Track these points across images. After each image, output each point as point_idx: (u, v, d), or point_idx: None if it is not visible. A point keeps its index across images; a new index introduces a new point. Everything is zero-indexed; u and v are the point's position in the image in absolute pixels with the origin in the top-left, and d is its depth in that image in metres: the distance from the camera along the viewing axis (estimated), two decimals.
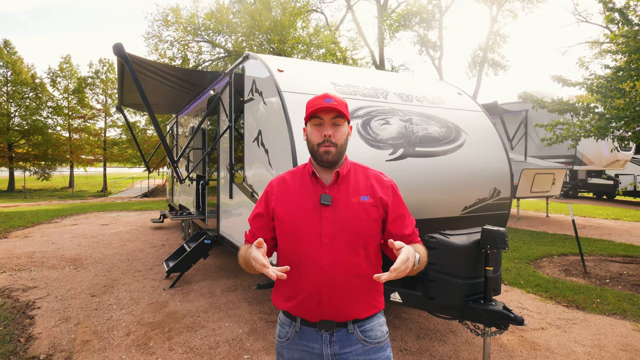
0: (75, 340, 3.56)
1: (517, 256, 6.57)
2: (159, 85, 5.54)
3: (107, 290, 4.94)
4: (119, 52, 3.82)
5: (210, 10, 18.85)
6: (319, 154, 1.43)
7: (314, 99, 1.46)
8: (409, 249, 1.27)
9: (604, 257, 6.64)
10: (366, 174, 1.54)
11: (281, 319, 1.54)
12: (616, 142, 6.12)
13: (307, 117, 1.47)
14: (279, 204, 1.48)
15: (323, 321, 1.42)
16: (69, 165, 28.14)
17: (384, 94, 3.85)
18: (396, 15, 20.43)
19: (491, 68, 21.22)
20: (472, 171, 3.76)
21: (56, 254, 6.80)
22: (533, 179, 10.40)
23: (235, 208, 4.54)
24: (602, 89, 5.89)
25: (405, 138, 3.51)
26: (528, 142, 10.66)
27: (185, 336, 3.62)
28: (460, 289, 2.79)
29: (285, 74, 3.52)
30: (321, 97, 1.44)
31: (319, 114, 1.43)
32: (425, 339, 3.54)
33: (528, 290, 4.91)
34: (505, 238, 2.67)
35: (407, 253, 1.24)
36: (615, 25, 6.18)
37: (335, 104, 1.41)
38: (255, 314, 4.14)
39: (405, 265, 1.21)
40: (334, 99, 1.42)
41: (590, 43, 22.31)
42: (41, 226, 10.13)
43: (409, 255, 1.23)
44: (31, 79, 26.32)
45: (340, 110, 1.41)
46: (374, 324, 1.47)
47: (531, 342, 3.47)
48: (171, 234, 9.02)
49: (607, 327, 3.81)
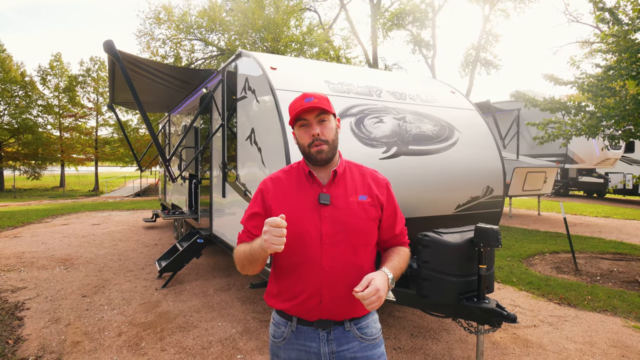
0: (66, 341, 3.51)
1: (510, 254, 6.62)
2: (151, 84, 5.48)
3: (98, 290, 4.88)
4: (110, 49, 3.77)
5: (203, 8, 18.74)
6: (312, 154, 1.43)
7: (294, 101, 1.46)
8: (375, 281, 1.27)
9: (595, 254, 6.71)
10: (362, 173, 1.53)
11: (275, 319, 1.52)
12: (607, 141, 6.19)
13: (291, 121, 1.47)
14: (277, 203, 1.46)
15: (321, 320, 1.41)
16: (59, 165, 27.79)
17: (377, 92, 3.85)
18: (389, 14, 20.48)
19: (484, 67, 21.37)
20: (465, 169, 3.77)
21: (46, 254, 6.71)
22: (525, 177, 10.48)
23: (228, 207, 4.51)
24: (592, 88, 5.94)
25: (398, 136, 3.51)
26: (520, 141, 10.76)
27: (177, 336, 3.59)
28: (453, 287, 2.79)
29: (278, 72, 3.50)
30: (300, 98, 1.43)
31: (302, 115, 1.42)
32: (419, 337, 3.54)
33: (520, 288, 4.94)
34: (498, 236, 2.67)
35: (374, 286, 1.26)
36: (605, 24, 6.24)
37: (316, 102, 1.40)
38: (248, 313, 4.11)
39: (377, 296, 1.24)
40: (313, 97, 1.41)
41: (581, 43, 22.55)
42: (31, 226, 10.00)
43: (378, 287, 1.25)
44: (21, 77, 25.91)
45: (322, 107, 1.40)
46: (369, 320, 1.49)
47: (524, 340, 3.49)
48: (164, 233, 8.95)
49: (598, 323, 3.85)
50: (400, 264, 1.45)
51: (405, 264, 1.50)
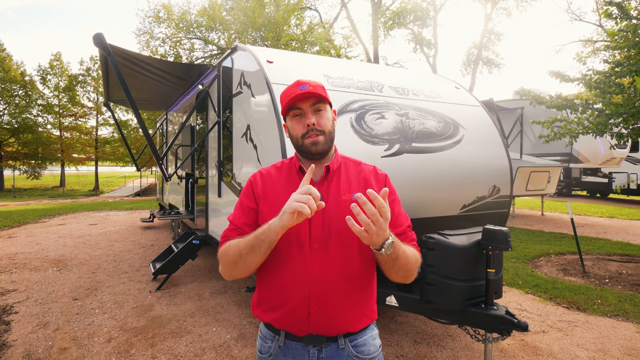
0: (53, 347, 3.35)
1: (514, 255, 6.44)
2: (145, 79, 5.33)
3: (90, 293, 4.72)
4: (100, 42, 3.61)
5: (202, 7, 18.61)
6: (305, 146, 1.26)
7: (287, 89, 1.29)
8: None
9: (602, 256, 6.53)
10: (358, 169, 1.36)
11: (262, 332, 1.36)
12: (614, 139, 6.01)
13: (284, 110, 1.30)
14: (264, 201, 1.30)
15: (311, 335, 1.24)
16: (59, 164, 27.68)
17: (379, 87, 3.68)
18: (390, 13, 20.33)
19: (485, 66, 21.21)
20: (471, 168, 3.60)
21: (40, 255, 6.56)
22: (528, 177, 10.29)
23: (224, 207, 4.35)
24: (600, 85, 5.77)
25: (401, 133, 3.35)
26: (523, 140, 10.57)
27: (169, 342, 3.42)
28: (460, 292, 2.63)
29: (275, 65, 3.34)
30: (294, 85, 1.27)
31: (296, 104, 1.26)
32: (423, 344, 3.38)
33: (527, 290, 4.77)
34: (508, 238, 2.51)
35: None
36: (613, 20, 6.07)
37: (311, 89, 1.24)
38: (244, 318, 3.95)
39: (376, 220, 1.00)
40: (308, 84, 1.25)
41: (584, 41, 22.34)
42: (27, 226, 9.85)
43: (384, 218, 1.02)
44: (20, 77, 25.81)
45: (319, 93, 1.25)
46: (366, 337, 1.31)
47: (532, 347, 3.32)
48: (161, 233, 8.79)
49: (610, 329, 3.68)
50: (406, 250, 1.18)
51: (413, 259, 1.21)
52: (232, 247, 1.20)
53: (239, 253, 1.17)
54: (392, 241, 1.08)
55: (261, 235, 1.12)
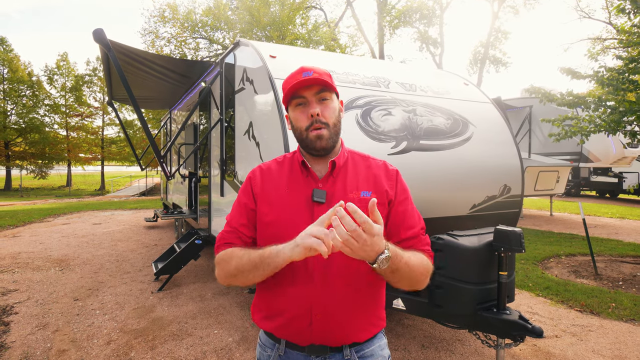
0: (51, 349, 3.28)
1: (524, 256, 6.29)
2: (147, 77, 5.25)
3: (91, 293, 4.66)
4: (100, 38, 3.53)
5: (208, 6, 18.59)
6: (309, 139, 1.15)
7: (290, 76, 1.18)
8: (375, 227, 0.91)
9: (614, 257, 6.36)
10: (367, 164, 1.25)
11: (262, 339, 1.27)
12: (627, 138, 5.83)
13: (286, 99, 1.19)
14: (264, 200, 1.20)
15: (314, 345, 1.14)
16: (66, 164, 27.85)
17: (385, 82, 3.57)
18: (396, 12, 20.18)
19: (492, 65, 20.98)
20: (481, 166, 3.48)
21: (42, 255, 6.51)
22: (537, 176, 10.10)
23: (226, 206, 4.26)
24: (613, 82, 5.60)
25: (408, 130, 3.23)
26: (532, 139, 10.38)
27: (169, 345, 3.34)
28: (470, 295, 2.51)
29: (277, 60, 3.24)
30: (297, 72, 1.16)
31: (299, 92, 1.15)
32: (431, 349, 3.26)
33: (537, 293, 4.63)
34: (521, 239, 2.39)
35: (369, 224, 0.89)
36: (626, 15, 5.90)
37: (317, 75, 1.13)
38: (247, 320, 3.86)
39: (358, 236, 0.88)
40: (313, 71, 1.14)
41: (593, 40, 22.01)
42: (32, 225, 9.85)
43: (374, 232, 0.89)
44: (28, 77, 26.01)
45: (324, 80, 1.13)
46: (374, 347, 1.20)
47: (545, 352, 3.19)
48: (164, 233, 8.73)
49: (627, 334, 3.53)
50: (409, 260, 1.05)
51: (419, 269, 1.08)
52: (234, 260, 1.11)
53: (240, 269, 1.09)
54: (388, 255, 0.95)
55: (267, 258, 1.03)
